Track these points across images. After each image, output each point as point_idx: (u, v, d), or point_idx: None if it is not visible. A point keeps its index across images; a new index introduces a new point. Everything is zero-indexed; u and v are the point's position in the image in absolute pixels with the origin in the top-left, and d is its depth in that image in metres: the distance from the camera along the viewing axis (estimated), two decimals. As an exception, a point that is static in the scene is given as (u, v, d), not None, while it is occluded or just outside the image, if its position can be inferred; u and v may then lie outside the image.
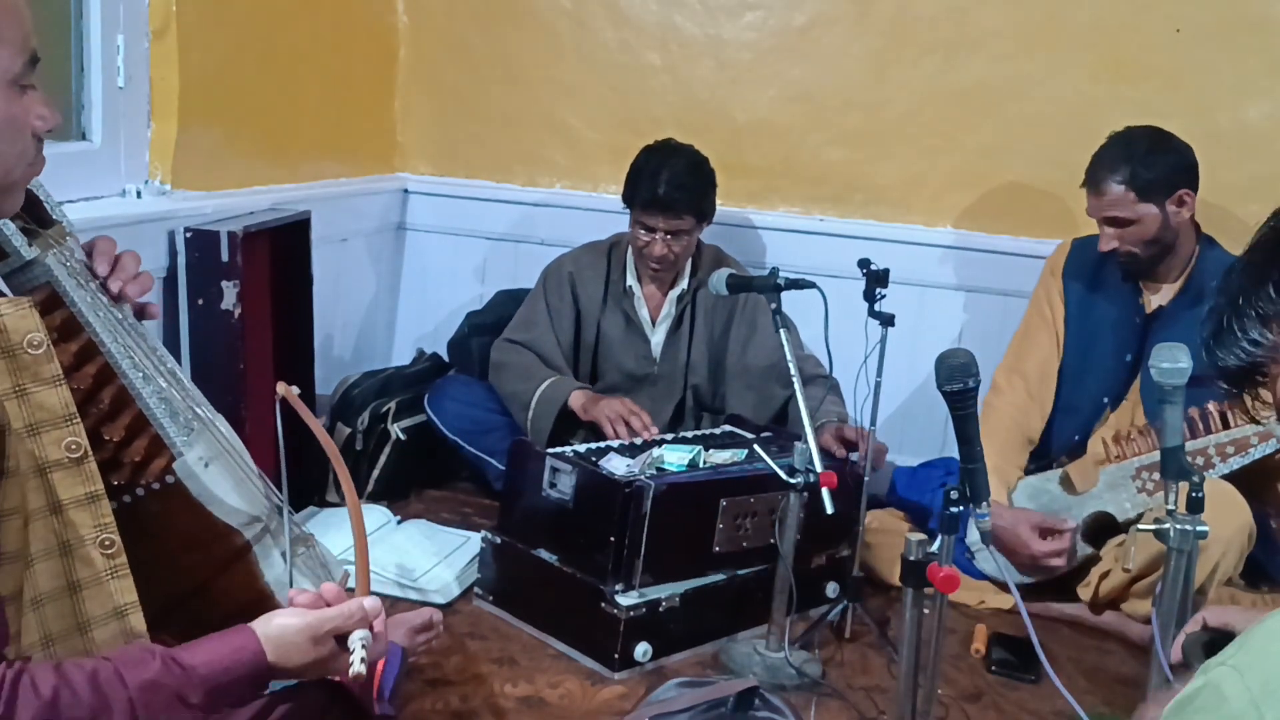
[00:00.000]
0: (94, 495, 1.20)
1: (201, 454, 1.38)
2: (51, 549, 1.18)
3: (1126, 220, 2.42)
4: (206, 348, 2.39)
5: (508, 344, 2.89)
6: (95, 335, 1.31)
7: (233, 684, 1.13)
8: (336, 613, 1.20)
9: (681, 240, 2.76)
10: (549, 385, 2.74)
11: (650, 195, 2.70)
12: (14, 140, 1.19)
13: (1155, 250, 2.46)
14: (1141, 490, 2.38)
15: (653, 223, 2.73)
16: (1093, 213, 2.48)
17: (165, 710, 1.07)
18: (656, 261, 2.78)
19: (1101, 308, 2.60)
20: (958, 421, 1.70)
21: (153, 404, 1.34)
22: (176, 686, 1.08)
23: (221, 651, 1.13)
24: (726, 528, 2.27)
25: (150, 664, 1.08)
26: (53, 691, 1.01)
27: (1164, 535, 1.79)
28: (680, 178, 2.70)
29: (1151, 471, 2.35)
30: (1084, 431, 2.60)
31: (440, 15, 3.44)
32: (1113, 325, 2.58)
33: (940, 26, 3.09)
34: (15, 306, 1.14)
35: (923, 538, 1.73)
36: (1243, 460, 2.28)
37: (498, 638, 2.25)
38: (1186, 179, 2.44)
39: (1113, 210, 2.42)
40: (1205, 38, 2.90)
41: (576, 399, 2.70)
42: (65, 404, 1.17)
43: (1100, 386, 2.59)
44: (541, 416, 2.70)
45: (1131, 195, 2.40)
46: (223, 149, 2.68)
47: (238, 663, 1.13)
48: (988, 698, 2.15)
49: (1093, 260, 2.60)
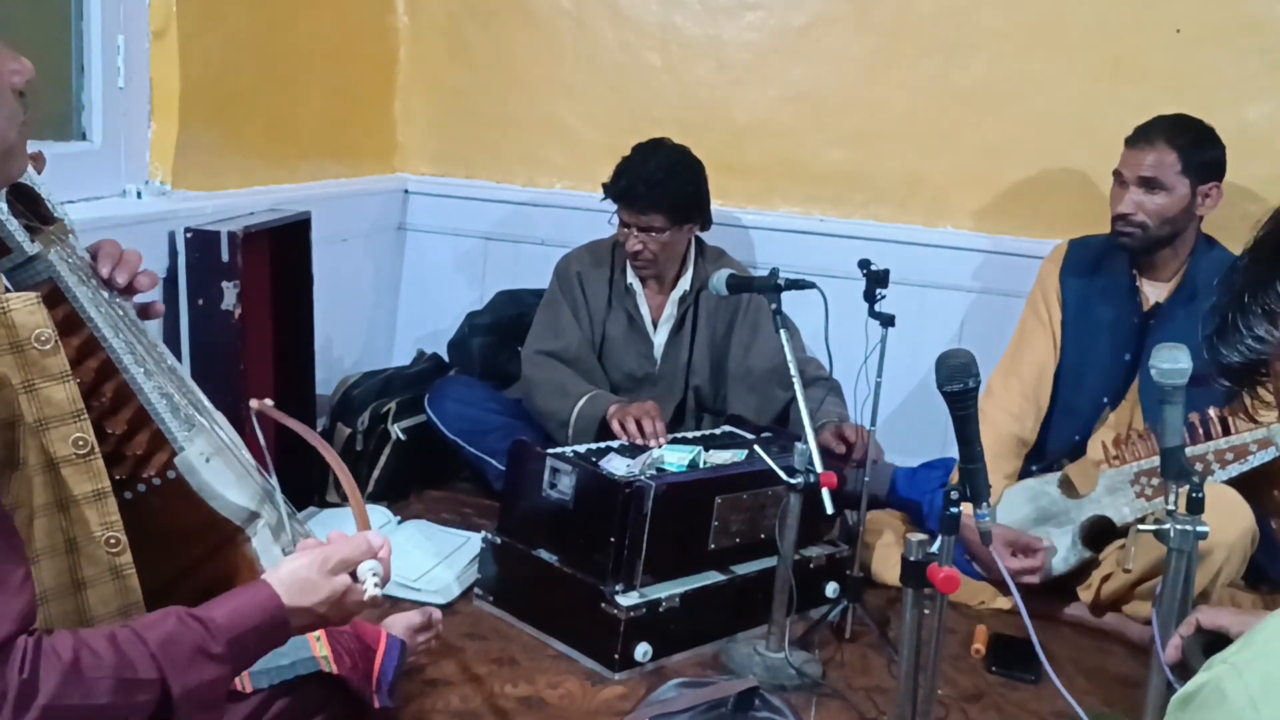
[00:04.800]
0: (101, 492, 1.20)
1: (202, 449, 1.38)
2: (57, 546, 1.18)
3: (1159, 185, 2.42)
4: (206, 348, 2.38)
5: (538, 356, 2.83)
6: (97, 330, 1.32)
7: (252, 632, 1.14)
8: (343, 546, 1.23)
9: (657, 239, 2.73)
10: (586, 403, 2.68)
11: (619, 189, 2.71)
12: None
13: (1164, 233, 2.46)
14: (1140, 495, 2.38)
15: (627, 217, 2.74)
16: (1129, 170, 2.46)
17: (189, 664, 1.08)
18: (633, 258, 2.77)
19: (1099, 307, 2.60)
20: (958, 422, 1.70)
21: (154, 399, 1.35)
22: (197, 639, 1.10)
23: (237, 602, 1.15)
24: (721, 524, 2.27)
25: (167, 621, 1.09)
26: (73, 654, 1.02)
27: (1164, 536, 1.79)
28: (652, 175, 2.68)
29: (1150, 477, 2.35)
30: (1084, 432, 2.60)
31: (440, 15, 3.45)
32: (1111, 324, 2.58)
33: (940, 26, 3.09)
34: (23, 302, 1.14)
35: (923, 537, 1.73)
36: (1241, 467, 2.29)
37: (498, 638, 2.25)
38: (1220, 175, 2.47)
39: (1152, 170, 2.42)
40: (1205, 38, 2.90)
41: (613, 413, 2.63)
42: (73, 400, 1.17)
43: (1100, 386, 2.58)
44: (582, 434, 2.65)
45: (1177, 161, 2.41)
46: (223, 149, 2.68)
47: (254, 608, 1.15)
48: (988, 698, 2.15)
49: (1091, 259, 2.61)
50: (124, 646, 1.05)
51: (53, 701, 1.00)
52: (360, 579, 1.23)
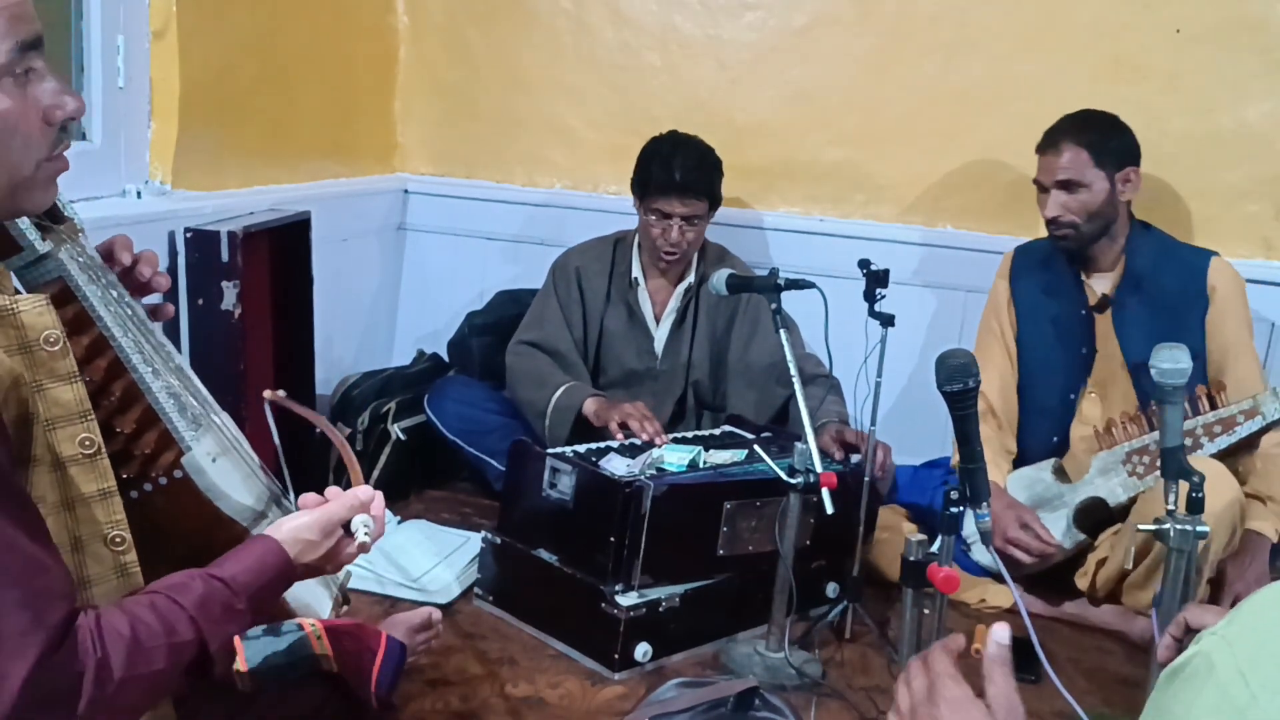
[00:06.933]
0: (106, 492, 1.21)
1: (209, 449, 1.39)
2: (63, 544, 1.19)
3: (1078, 184, 2.48)
4: (206, 348, 2.38)
5: (521, 346, 2.87)
6: (106, 330, 1.32)
7: (267, 586, 1.24)
8: (339, 504, 1.33)
9: (696, 226, 2.77)
10: (563, 393, 2.71)
11: (666, 179, 2.71)
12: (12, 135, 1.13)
13: (1097, 227, 2.52)
14: (1132, 474, 2.43)
15: (668, 208, 2.73)
16: (1045, 176, 2.53)
17: (221, 620, 1.16)
18: (670, 248, 2.77)
19: (1050, 306, 2.66)
20: (957, 422, 1.70)
21: (162, 399, 1.35)
22: (224, 598, 1.17)
23: (249, 560, 1.23)
24: (731, 531, 2.27)
25: (194, 584, 1.16)
26: (130, 627, 1.07)
27: (1164, 535, 1.79)
28: (693, 161, 2.73)
29: (1141, 455, 2.41)
30: (1061, 431, 2.63)
31: (440, 15, 3.45)
32: (1063, 320, 2.63)
33: (940, 26, 3.09)
34: (33, 303, 1.15)
35: (923, 538, 1.73)
36: (1230, 439, 2.35)
37: (498, 638, 2.25)
38: (1134, 159, 2.52)
39: (1067, 172, 2.48)
40: (1205, 38, 2.89)
41: (590, 406, 2.66)
42: (80, 400, 1.18)
43: (1065, 383, 2.63)
44: (558, 425, 2.68)
45: (1087, 158, 2.47)
46: (223, 149, 2.68)
47: (268, 565, 1.24)
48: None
49: (1036, 261, 2.69)
50: (166, 613, 1.11)
51: (126, 674, 1.05)
52: (354, 530, 1.33)
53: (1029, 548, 2.44)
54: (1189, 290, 2.51)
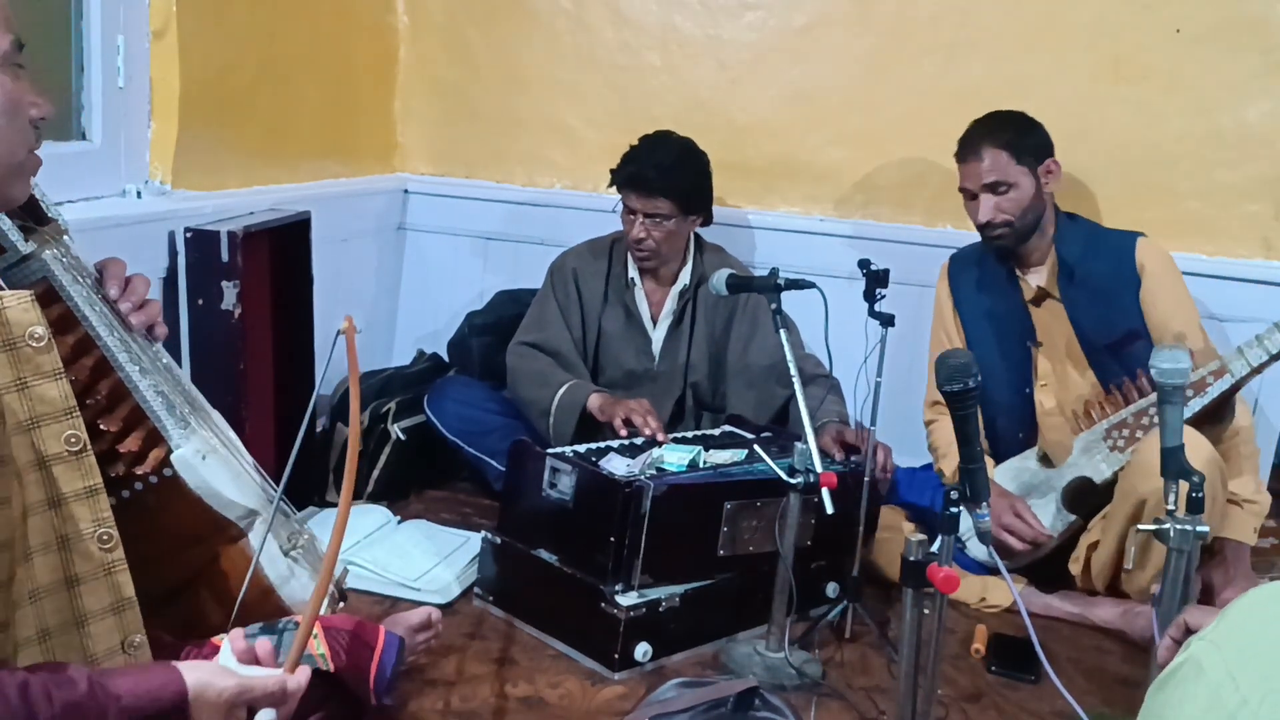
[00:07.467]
0: (93, 489, 1.20)
1: (198, 447, 1.39)
2: (50, 543, 1.19)
3: (1006, 184, 2.52)
4: (206, 348, 2.39)
5: (521, 347, 2.87)
6: (92, 329, 1.32)
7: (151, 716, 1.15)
8: (261, 683, 1.23)
9: (661, 226, 2.75)
10: (566, 390, 2.71)
11: (627, 174, 2.72)
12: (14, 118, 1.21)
13: (1029, 222, 2.56)
14: (1114, 449, 2.46)
15: (629, 202, 2.75)
16: (971, 182, 2.56)
17: None
18: (636, 245, 2.78)
19: (990, 304, 2.69)
20: (957, 422, 1.70)
21: (149, 397, 1.35)
22: (98, 711, 1.10)
23: (149, 685, 1.15)
24: (731, 531, 2.27)
25: (78, 686, 1.10)
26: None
27: (1164, 535, 1.79)
28: (662, 160, 2.72)
29: (1120, 429, 2.46)
30: (1026, 427, 2.65)
31: (440, 15, 3.45)
32: (1004, 318, 2.66)
33: (940, 26, 3.10)
34: (17, 300, 1.15)
35: (923, 538, 1.73)
36: (1202, 401, 2.37)
37: (498, 638, 2.25)
38: (1050, 151, 2.58)
39: (992, 175, 2.52)
40: (1205, 38, 2.89)
41: (594, 402, 2.66)
42: (65, 397, 1.18)
43: (1018, 379, 2.65)
44: (562, 423, 2.68)
45: (1008, 158, 2.52)
46: (223, 149, 2.68)
47: (160, 699, 1.15)
48: (988, 698, 2.15)
49: (971, 264, 2.74)
50: (32, 701, 1.06)
51: None
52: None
53: (1022, 534, 2.47)
54: (1121, 273, 2.55)
